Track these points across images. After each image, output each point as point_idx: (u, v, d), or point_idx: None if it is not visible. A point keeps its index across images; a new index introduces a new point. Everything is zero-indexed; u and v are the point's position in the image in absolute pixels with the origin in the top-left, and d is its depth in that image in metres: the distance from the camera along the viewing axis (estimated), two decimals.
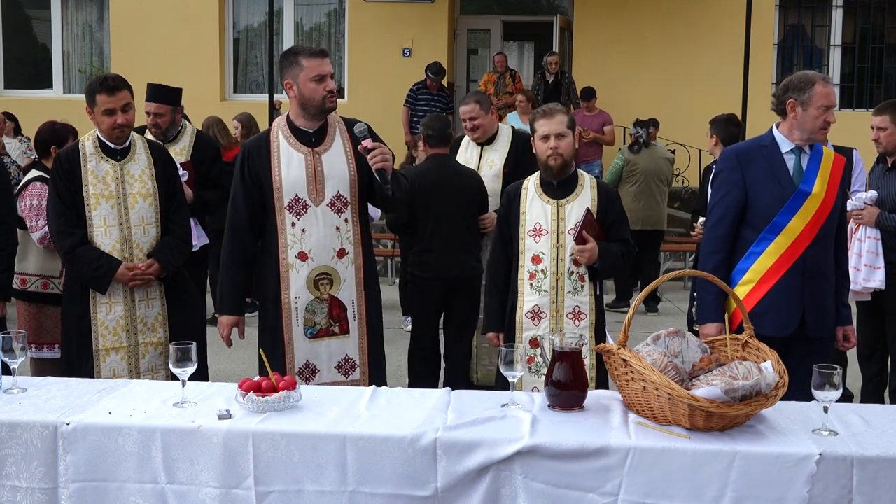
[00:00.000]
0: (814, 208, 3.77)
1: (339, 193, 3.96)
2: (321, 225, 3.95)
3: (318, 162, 3.96)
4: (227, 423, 2.75)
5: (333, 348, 4.02)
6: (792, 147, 3.86)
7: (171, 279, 4.46)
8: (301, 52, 3.96)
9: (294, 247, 3.96)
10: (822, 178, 3.80)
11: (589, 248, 4.09)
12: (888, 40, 13.44)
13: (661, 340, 3.00)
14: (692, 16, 13.11)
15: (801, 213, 3.77)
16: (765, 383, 2.67)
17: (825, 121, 3.79)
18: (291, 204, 3.95)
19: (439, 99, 12.20)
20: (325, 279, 3.97)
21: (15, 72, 14.57)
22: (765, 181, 3.82)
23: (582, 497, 2.61)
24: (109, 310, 4.34)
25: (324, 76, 3.90)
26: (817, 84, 3.78)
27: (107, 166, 4.34)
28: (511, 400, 2.94)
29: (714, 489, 2.57)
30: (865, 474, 2.54)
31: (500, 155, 5.58)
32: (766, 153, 3.87)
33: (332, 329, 4.01)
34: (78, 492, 2.74)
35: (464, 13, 14.71)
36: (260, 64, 14.04)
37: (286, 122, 4.03)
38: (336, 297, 3.99)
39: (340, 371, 4.03)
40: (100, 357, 4.34)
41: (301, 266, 3.96)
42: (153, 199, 4.39)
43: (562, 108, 4.27)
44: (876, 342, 5.54)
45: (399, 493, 2.66)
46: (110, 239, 4.31)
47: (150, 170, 4.41)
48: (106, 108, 4.25)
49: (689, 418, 2.67)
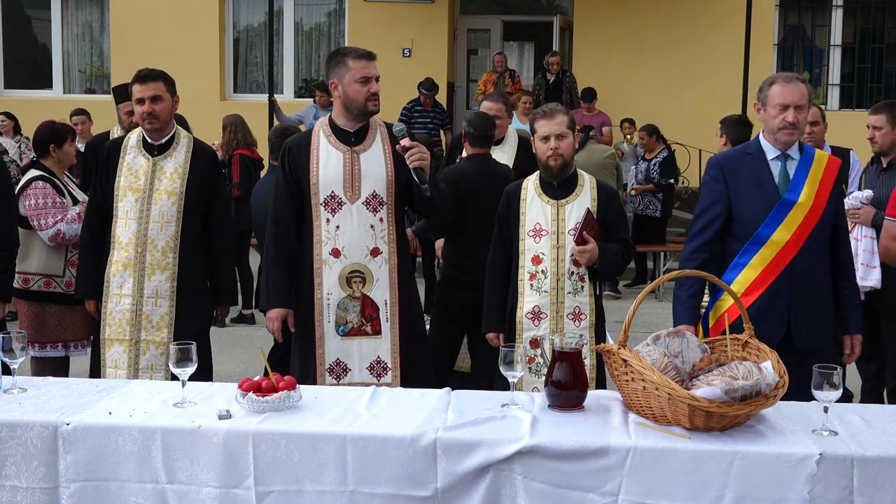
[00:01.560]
0: (800, 218, 3.64)
1: (374, 193, 3.97)
2: (355, 222, 3.97)
3: (356, 161, 3.99)
4: (227, 423, 2.75)
5: (365, 348, 4.02)
6: (777, 154, 3.73)
7: (185, 282, 4.43)
8: (349, 52, 4.01)
9: (328, 243, 3.98)
10: (810, 185, 3.67)
11: (589, 248, 4.09)
12: (888, 40, 13.44)
13: (661, 340, 3.00)
14: (692, 16, 13.11)
15: (785, 223, 3.64)
16: (765, 383, 2.67)
17: (784, 120, 3.64)
18: (327, 200, 3.98)
19: (435, 116, 12.13)
20: (357, 277, 3.99)
21: (15, 72, 14.58)
22: (749, 191, 3.71)
23: (582, 497, 2.62)
24: (119, 301, 4.40)
25: (369, 78, 3.93)
26: (775, 83, 3.67)
27: (142, 160, 4.44)
28: (511, 400, 2.94)
29: (714, 489, 2.57)
30: (866, 474, 2.54)
31: (508, 156, 5.61)
32: (751, 161, 3.75)
33: (364, 328, 4.01)
34: (78, 492, 2.74)
35: (464, 13, 14.72)
36: (260, 64, 14.04)
37: (328, 122, 4.08)
38: (368, 297, 3.99)
39: (372, 373, 4.02)
40: (105, 346, 4.43)
41: (334, 262, 3.98)
42: (178, 198, 4.41)
43: (562, 108, 4.27)
44: (873, 342, 5.53)
45: (399, 494, 2.66)
46: (128, 231, 4.38)
47: (185, 169, 4.44)
48: (137, 97, 4.41)
49: (689, 418, 2.67)
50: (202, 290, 4.58)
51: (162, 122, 4.42)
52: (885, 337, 5.39)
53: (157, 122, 4.40)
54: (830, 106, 13.13)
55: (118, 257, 4.40)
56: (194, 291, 4.50)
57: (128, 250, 4.37)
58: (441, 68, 13.70)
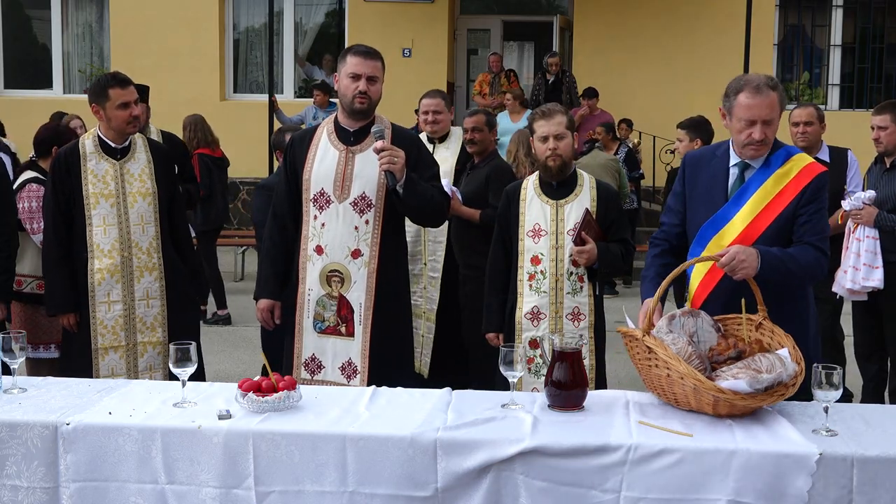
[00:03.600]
0: (733, 235, 3.25)
1: (364, 194, 3.95)
2: (340, 222, 3.96)
3: (350, 160, 3.97)
4: (227, 423, 2.75)
5: (338, 348, 4.02)
6: (738, 161, 3.36)
7: (171, 279, 4.47)
8: (351, 49, 4.00)
9: (313, 239, 4.00)
10: (757, 201, 3.26)
11: (588, 249, 4.09)
12: (888, 40, 13.44)
13: (676, 320, 3.04)
14: (692, 16, 13.11)
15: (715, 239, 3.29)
16: (786, 374, 2.79)
17: (750, 136, 3.23)
18: (316, 197, 3.99)
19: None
20: (336, 276, 3.99)
21: (15, 72, 14.57)
22: (701, 196, 3.40)
23: (584, 494, 2.62)
24: (108, 308, 4.35)
25: (358, 75, 3.90)
26: (742, 92, 3.22)
27: (106, 165, 4.37)
28: (511, 400, 2.94)
29: (714, 488, 2.57)
30: (865, 474, 2.54)
31: (452, 153, 5.60)
32: (714, 165, 3.41)
33: (339, 328, 4.01)
34: (78, 491, 2.75)
35: (464, 13, 14.72)
36: (260, 64, 14.03)
37: (334, 119, 4.08)
38: (345, 297, 3.99)
39: (343, 374, 4.02)
40: (98, 356, 4.36)
41: (317, 259, 3.99)
42: (152, 199, 4.42)
43: (561, 108, 4.26)
44: (875, 342, 5.54)
45: (399, 494, 2.66)
46: (109, 238, 4.34)
47: (150, 169, 4.45)
48: (121, 101, 4.32)
49: (713, 406, 2.78)
50: (188, 286, 4.61)
51: (142, 123, 4.45)
52: (889, 336, 5.39)
53: (139, 125, 4.44)
54: (830, 106, 13.12)
55: (101, 265, 4.34)
56: (181, 288, 4.54)
57: (112, 256, 4.34)
58: (441, 68, 13.70)
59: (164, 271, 4.44)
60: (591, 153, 9.70)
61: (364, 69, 3.90)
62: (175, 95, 12.10)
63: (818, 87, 13.59)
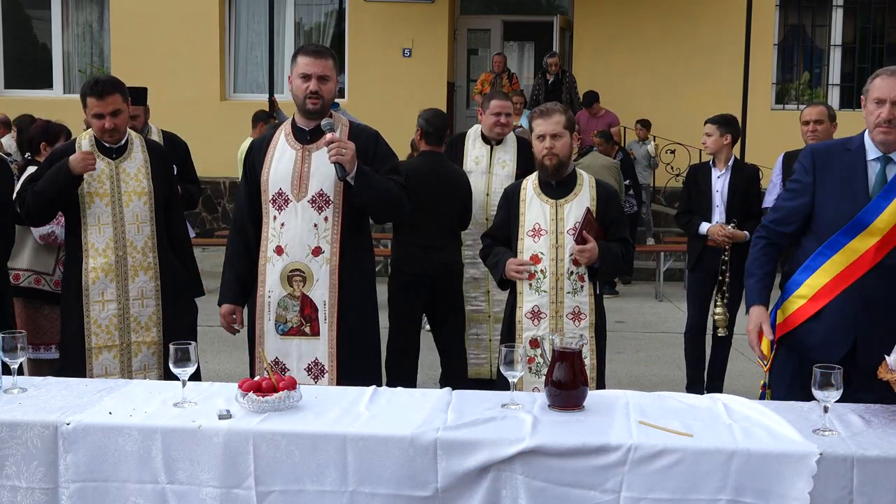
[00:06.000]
0: (884, 230, 3.27)
1: (321, 191, 3.94)
2: (299, 220, 3.95)
3: (306, 159, 3.97)
4: (227, 423, 2.75)
5: (304, 349, 3.99)
6: (879, 155, 3.35)
7: (167, 279, 4.46)
8: (301, 49, 4.02)
9: (273, 240, 3.99)
10: None
11: (589, 248, 4.09)
12: (888, 40, 13.45)
13: None
14: (692, 16, 13.12)
15: (866, 233, 3.29)
16: None
17: (879, 116, 3.28)
18: (275, 198, 3.98)
19: None
20: (298, 276, 3.97)
21: (15, 72, 14.58)
22: (838, 189, 3.38)
23: (584, 494, 2.62)
24: (102, 308, 4.35)
25: (308, 75, 3.89)
26: (879, 77, 3.33)
27: (102, 164, 4.37)
28: (511, 400, 2.94)
29: (714, 488, 2.57)
30: (865, 474, 2.54)
31: (511, 157, 5.65)
32: (848, 158, 3.40)
33: (303, 329, 3.99)
34: (78, 492, 2.74)
35: (464, 13, 14.73)
36: (260, 64, 14.03)
37: (292, 120, 4.08)
38: (308, 296, 3.97)
39: (310, 374, 3.98)
40: (92, 355, 4.34)
41: (277, 260, 3.98)
42: (148, 198, 4.42)
43: (560, 107, 4.26)
44: None
45: (399, 494, 2.66)
46: (104, 237, 4.34)
47: (147, 168, 4.45)
48: (94, 112, 4.29)
49: None
50: (185, 286, 4.60)
51: (122, 133, 4.39)
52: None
53: (119, 135, 4.38)
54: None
55: (96, 264, 4.34)
56: (178, 288, 4.52)
57: (106, 255, 4.34)
58: (441, 68, 13.71)
59: (160, 271, 4.43)
60: (592, 154, 9.78)
61: (314, 69, 3.89)
62: (175, 95, 12.11)
63: (818, 88, 13.60)
